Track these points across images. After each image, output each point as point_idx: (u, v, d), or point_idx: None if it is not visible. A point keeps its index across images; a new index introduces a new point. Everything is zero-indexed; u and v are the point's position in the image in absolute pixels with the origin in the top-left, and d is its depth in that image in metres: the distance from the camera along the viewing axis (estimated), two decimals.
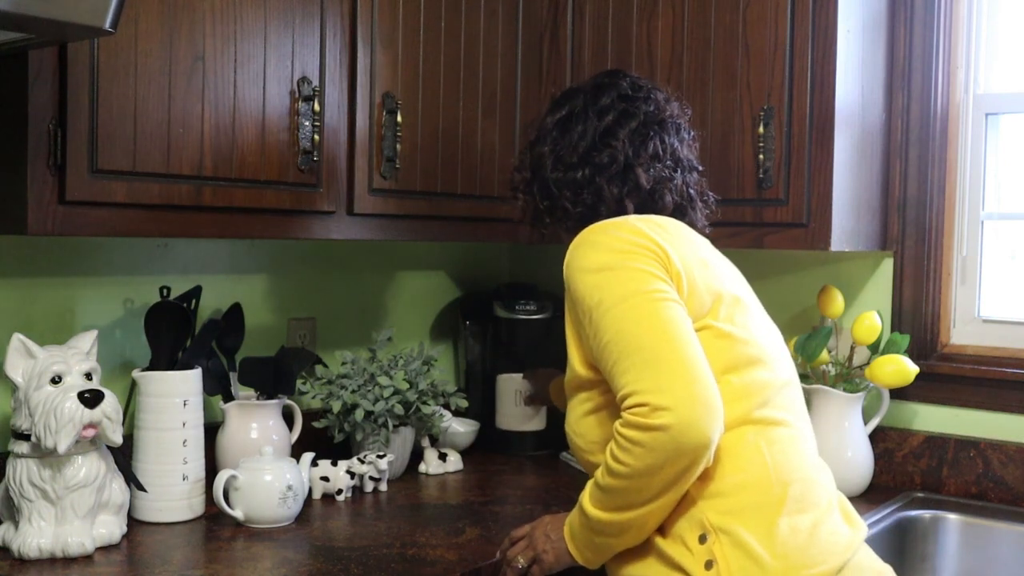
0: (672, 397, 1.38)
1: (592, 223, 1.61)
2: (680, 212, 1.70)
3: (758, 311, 1.65)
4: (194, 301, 2.00)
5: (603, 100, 1.71)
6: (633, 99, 1.71)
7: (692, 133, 1.77)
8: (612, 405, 1.49)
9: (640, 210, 1.66)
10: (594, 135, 1.68)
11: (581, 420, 1.59)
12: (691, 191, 1.73)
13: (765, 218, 2.09)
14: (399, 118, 2.03)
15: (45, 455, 1.66)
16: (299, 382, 2.15)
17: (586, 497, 1.51)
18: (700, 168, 1.77)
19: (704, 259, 1.60)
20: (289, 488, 1.88)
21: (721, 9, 2.13)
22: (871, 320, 2.22)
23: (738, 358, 1.52)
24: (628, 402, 1.42)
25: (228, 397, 2.06)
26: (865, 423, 2.26)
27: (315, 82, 1.89)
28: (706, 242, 1.68)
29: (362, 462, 2.10)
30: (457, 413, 2.43)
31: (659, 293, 1.47)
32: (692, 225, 1.71)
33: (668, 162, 1.69)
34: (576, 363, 1.58)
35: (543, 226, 1.78)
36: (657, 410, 1.38)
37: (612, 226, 1.57)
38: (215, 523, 1.88)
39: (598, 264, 1.52)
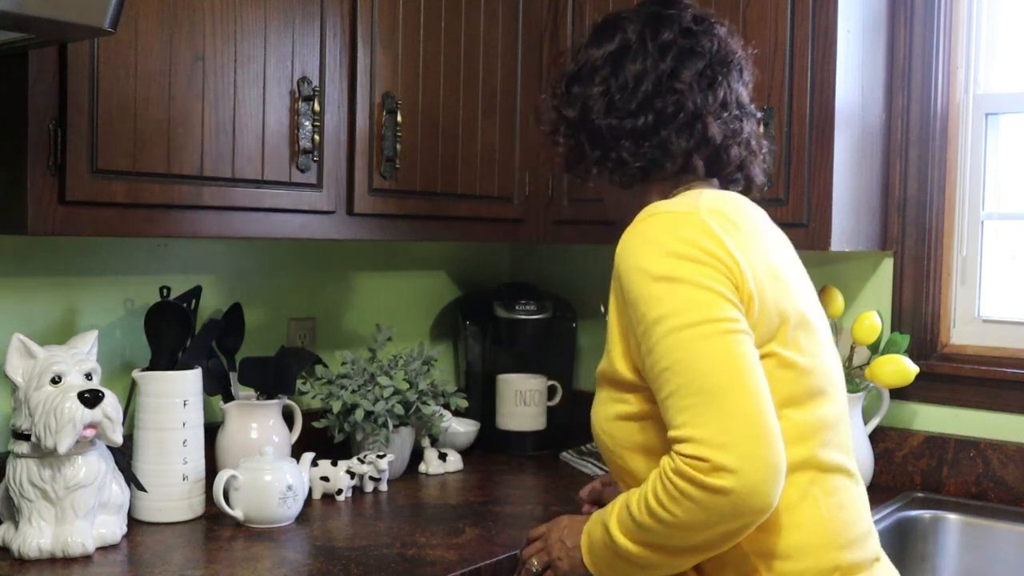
0: (737, 458, 1.22)
1: (653, 178, 1.47)
2: (743, 167, 1.53)
3: (822, 327, 1.48)
4: (194, 301, 2.00)
5: (664, 34, 1.47)
6: (696, 34, 1.48)
7: (752, 73, 1.56)
8: (658, 417, 1.34)
9: (708, 165, 1.48)
10: (657, 77, 1.45)
11: (614, 422, 1.42)
12: (753, 143, 1.54)
13: None
14: (399, 118, 2.03)
15: (45, 455, 1.66)
16: (299, 382, 2.15)
17: (614, 520, 1.36)
18: (758, 115, 1.59)
19: (775, 269, 1.42)
20: (289, 488, 1.88)
21: (721, 9, 2.12)
22: (871, 320, 2.22)
23: (801, 391, 1.36)
24: (684, 449, 1.25)
25: (228, 397, 2.06)
26: (865, 423, 2.26)
27: (315, 82, 1.89)
28: (774, 231, 1.52)
29: (362, 462, 2.10)
30: (457, 413, 2.43)
31: (730, 323, 1.29)
32: (751, 181, 1.55)
33: (735, 110, 1.49)
34: (617, 359, 1.40)
35: (587, 177, 1.56)
36: (719, 470, 1.22)
37: (680, 222, 1.35)
38: (215, 523, 1.88)
39: (662, 271, 1.32)
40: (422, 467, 2.31)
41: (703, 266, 1.31)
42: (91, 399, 1.65)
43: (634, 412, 1.39)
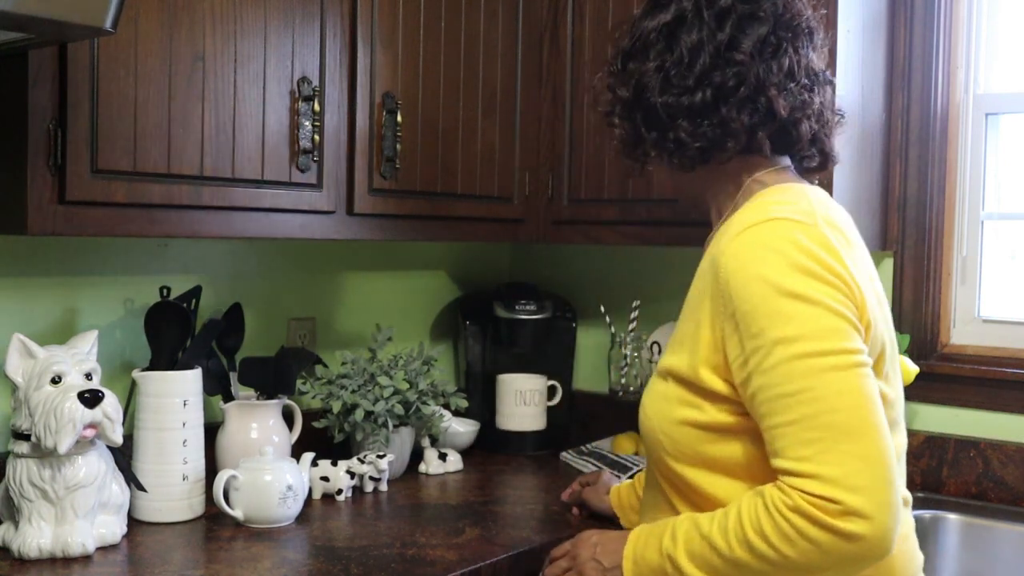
0: (872, 503, 1.15)
1: (716, 159, 1.36)
2: (816, 142, 1.41)
3: (894, 349, 1.39)
4: (194, 301, 2.00)
5: (721, 0, 1.36)
6: None
7: (824, 37, 1.42)
8: (739, 433, 1.26)
9: (776, 142, 1.37)
10: (715, 49, 1.34)
11: (679, 426, 1.31)
12: (827, 113, 1.41)
13: None
14: (399, 118, 2.03)
15: (45, 455, 1.66)
16: (299, 382, 2.15)
17: (681, 550, 1.26)
18: (833, 81, 1.45)
19: (878, 292, 1.35)
20: (289, 488, 1.88)
21: None
22: None
23: (889, 424, 1.27)
24: (809, 487, 1.17)
25: (228, 397, 2.06)
26: None
27: (315, 82, 1.89)
28: (860, 238, 1.41)
29: (362, 462, 2.10)
30: (457, 413, 2.43)
31: (859, 355, 1.22)
32: (827, 157, 1.43)
33: (804, 80, 1.36)
34: (702, 365, 1.29)
35: (646, 161, 1.44)
36: (851, 515, 1.15)
37: (802, 233, 1.24)
38: (215, 523, 1.88)
39: (792, 287, 1.21)
40: (422, 467, 2.31)
41: (831, 287, 1.21)
42: (91, 399, 1.65)
43: (707, 422, 1.29)
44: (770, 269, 1.21)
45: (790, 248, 1.23)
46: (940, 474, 2.28)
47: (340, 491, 2.06)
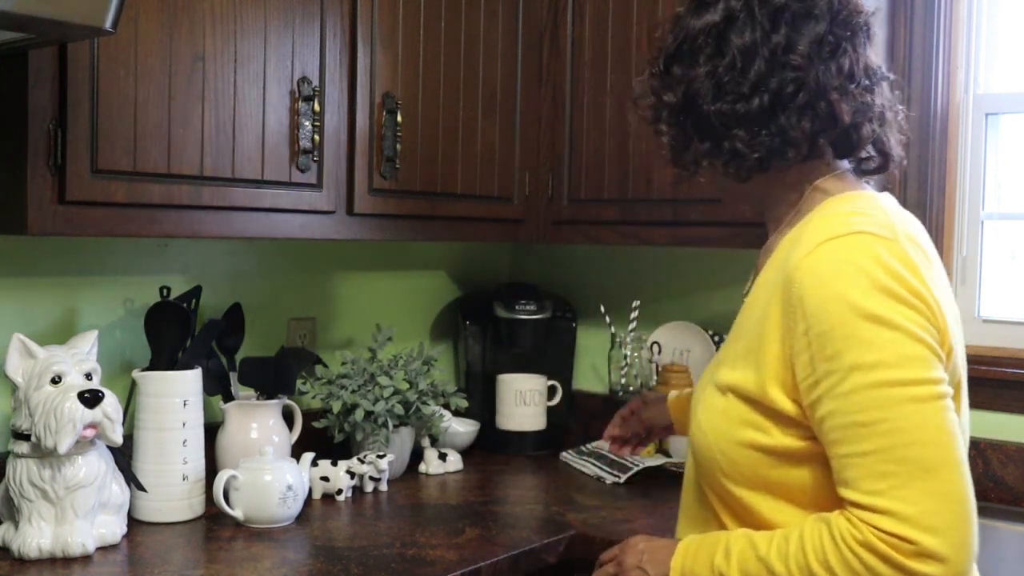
0: (949, 546, 1.09)
1: (773, 167, 1.28)
2: (877, 143, 1.33)
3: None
4: (194, 301, 2.00)
5: None
6: None
7: (872, 31, 1.32)
8: (807, 459, 1.20)
9: (837, 148, 1.29)
10: (770, 52, 1.25)
11: (741, 448, 1.23)
12: (888, 113, 1.32)
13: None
14: (399, 118, 2.03)
15: (45, 455, 1.66)
16: (299, 382, 2.15)
17: (735, 574, 1.21)
18: (892, 77, 1.35)
19: (956, 312, 1.27)
20: (289, 488, 1.88)
21: None
22: None
23: None
24: (882, 524, 1.11)
25: (228, 397, 2.06)
26: None
27: (315, 82, 1.89)
28: (934, 250, 1.30)
29: (362, 462, 2.10)
30: (457, 413, 2.43)
31: (941, 385, 1.15)
32: (888, 158, 1.35)
33: (864, 80, 1.28)
34: (771, 384, 1.20)
35: (696, 170, 1.34)
36: (926, 556, 1.09)
37: (884, 249, 1.16)
38: (215, 523, 1.88)
39: (873, 309, 1.13)
40: (422, 467, 2.31)
41: (914, 311, 1.14)
42: (91, 399, 1.65)
43: (772, 446, 1.21)
44: (851, 288, 1.14)
45: (872, 266, 1.15)
46: None
47: (340, 491, 2.06)
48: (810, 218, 1.28)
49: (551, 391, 2.60)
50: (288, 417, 2.13)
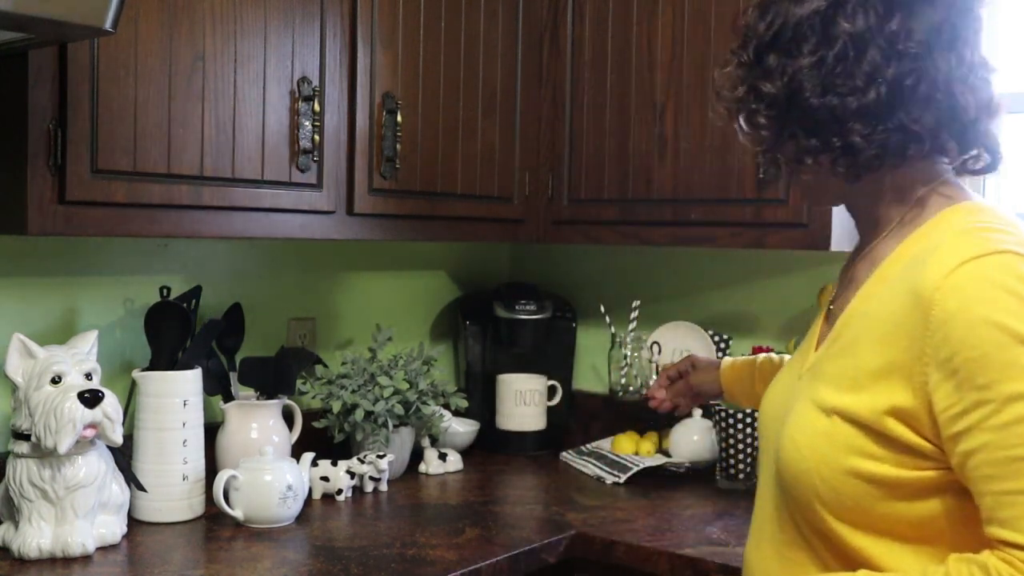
0: None
1: (888, 165, 1.17)
2: (992, 141, 1.23)
3: None
4: (194, 301, 2.00)
5: None
6: None
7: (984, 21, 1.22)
8: (922, 494, 1.09)
9: (960, 143, 1.20)
10: (887, 40, 1.14)
11: (848, 478, 1.11)
12: (997, 101, 1.22)
13: (765, 218, 2.09)
14: (399, 118, 2.03)
15: (45, 455, 1.66)
16: (299, 382, 2.15)
17: None
18: (996, 68, 1.25)
19: None
20: (289, 488, 1.88)
21: (721, 9, 2.13)
22: None
23: None
24: None
25: (228, 397, 2.06)
26: None
27: (315, 82, 1.89)
28: None
29: (362, 462, 2.10)
30: (457, 413, 2.43)
31: None
32: (996, 157, 1.25)
33: (982, 73, 1.20)
34: (887, 411, 1.09)
35: (798, 168, 1.22)
36: None
37: None
38: (215, 523, 1.88)
39: None
40: (422, 467, 2.31)
41: None
42: (91, 399, 1.65)
43: (885, 476, 1.09)
44: (1004, 313, 1.03)
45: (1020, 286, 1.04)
46: None
47: (340, 491, 2.06)
48: (934, 229, 1.16)
49: (551, 391, 2.60)
50: (288, 417, 2.13)
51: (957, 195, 1.20)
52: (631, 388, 2.47)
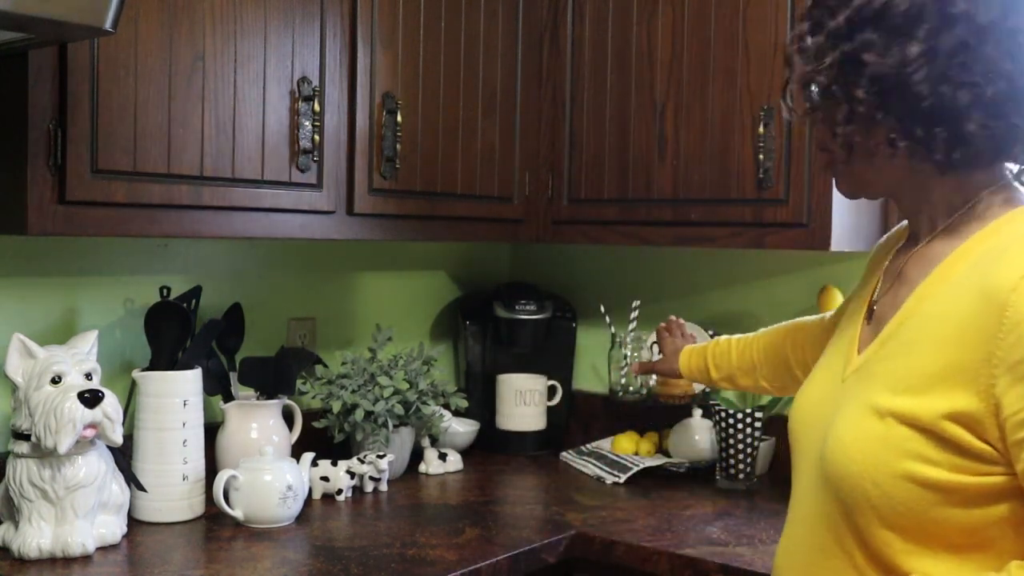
0: None
1: (976, 163, 1.12)
2: None
3: None
4: (194, 301, 2.00)
5: None
6: None
7: None
8: (975, 499, 1.05)
9: None
10: (1008, 32, 1.08)
11: (904, 482, 1.06)
12: None
13: (765, 218, 2.09)
14: (399, 118, 2.03)
15: (45, 455, 1.66)
16: (299, 382, 2.15)
17: None
18: None
19: None
20: (289, 488, 1.88)
21: (721, 9, 2.13)
22: None
23: None
24: None
25: (228, 397, 2.06)
26: None
27: (315, 82, 1.89)
28: None
29: (362, 462, 2.10)
30: (457, 413, 2.43)
31: None
32: None
33: None
34: (949, 410, 1.05)
35: (879, 152, 1.15)
36: None
37: None
38: (215, 523, 1.88)
39: None
40: (422, 467, 2.31)
41: None
42: (91, 399, 1.65)
43: (941, 481, 1.05)
44: None
45: None
46: None
47: (340, 491, 2.06)
48: (1000, 229, 1.13)
49: (551, 391, 2.60)
50: (288, 417, 2.13)
51: (1018, 197, 1.16)
52: (631, 388, 2.47)
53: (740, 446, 2.21)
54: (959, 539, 1.07)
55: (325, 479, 2.06)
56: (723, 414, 2.22)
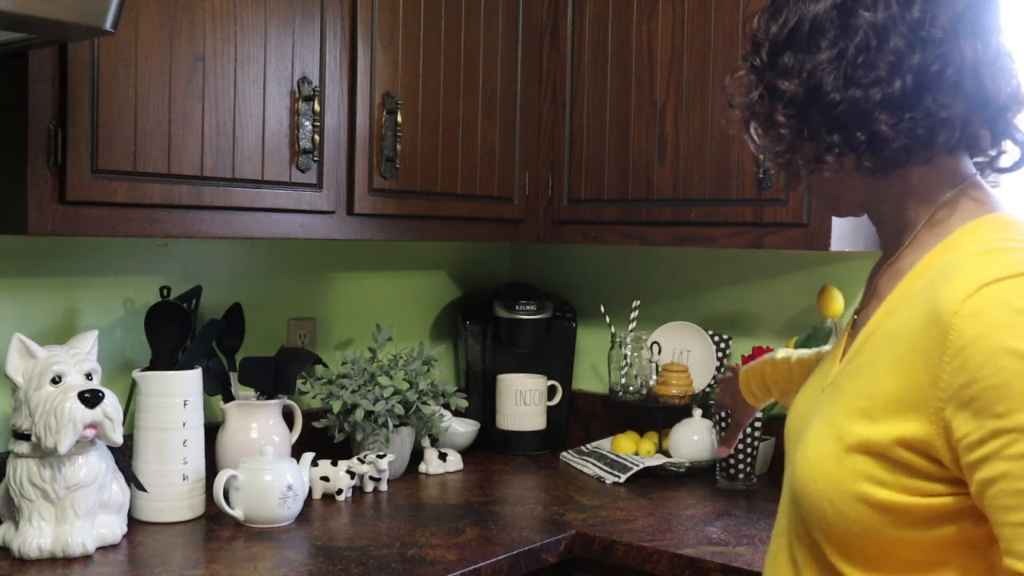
0: None
1: (916, 158, 1.12)
2: (1018, 131, 1.17)
3: None
4: (194, 301, 2.00)
5: None
6: None
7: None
8: (932, 521, 1.05)
9: (992, 132, 1.14)
10: (909, 28, 1.10)
11: (859, 504, 1.07)
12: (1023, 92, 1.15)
13: (765, 218, 2.09)
14: (399, 118, 2.03)
15: (45, 455, 1.66)
16: (299, 382, 2.15)
17: None
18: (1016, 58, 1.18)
19: None
20: (289, 488, 1.88)
21: (721, 9, 2.13)
22: None
23: None
24: None
25: (228, 397, 2.06)
26: None
27: (315, 82, 1.89)
28: None
29: (362, 462, 2.10)
30: (457, 413, 2.43)
31: None
32: (1021, 142, 1.17)
33: (1007, 59, 1.13)
34: (897, 434, 1.04)
35: (821, 167, 1.16)
36: None
37: None
38: (215, 523, 1.88)
39: None
40: (422, 467, 2.31)
41: None
42: (91, 399, 1.65)
43: (895, 503, 1.05)
44: (1019, 340, 0.98)
45: None
46: None
47: (340, 491, 2.06)
48: (958, 242, 1.11)
49: (551, 391, 2.60)
50: (288, 417, 2.13)
51: (986, 199, 1.15)
52: (631, 388, 2.47)
53: (740, 446, 2.21)
54: (912, 559, 1.07)
55: (325, 479, 2.06)
56: (723, 414, 2.22)
